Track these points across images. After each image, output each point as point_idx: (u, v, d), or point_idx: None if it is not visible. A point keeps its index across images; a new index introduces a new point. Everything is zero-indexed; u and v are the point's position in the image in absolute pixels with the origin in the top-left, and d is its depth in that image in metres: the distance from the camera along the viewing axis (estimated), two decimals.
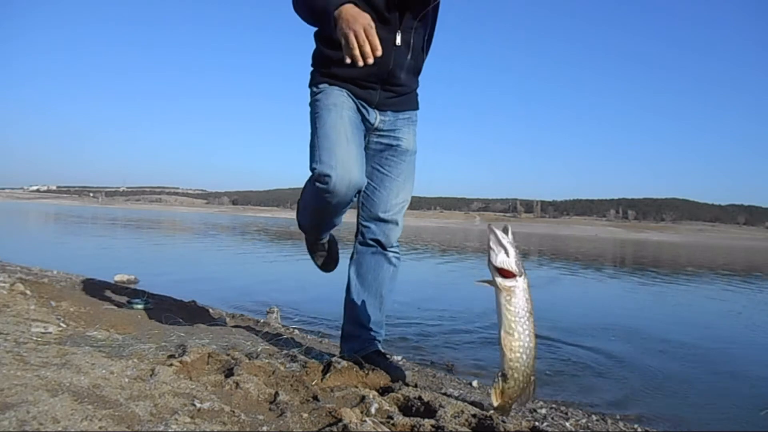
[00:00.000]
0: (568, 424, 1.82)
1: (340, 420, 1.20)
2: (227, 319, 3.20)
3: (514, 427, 1.31)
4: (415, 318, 4.09)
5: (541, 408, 1.96)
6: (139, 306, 2.74)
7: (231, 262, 8.91)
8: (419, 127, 1.93)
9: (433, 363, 2.83)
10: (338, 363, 1.64)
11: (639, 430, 1.94)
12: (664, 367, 3.12)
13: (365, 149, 1.80)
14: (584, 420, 1.92)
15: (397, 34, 1.70)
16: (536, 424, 1.50)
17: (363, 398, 1.40)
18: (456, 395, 1.97)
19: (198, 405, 1.19)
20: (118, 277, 4.89)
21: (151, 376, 1.36)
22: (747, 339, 4.42)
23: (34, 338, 1.66)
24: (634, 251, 24.90)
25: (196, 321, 2.66)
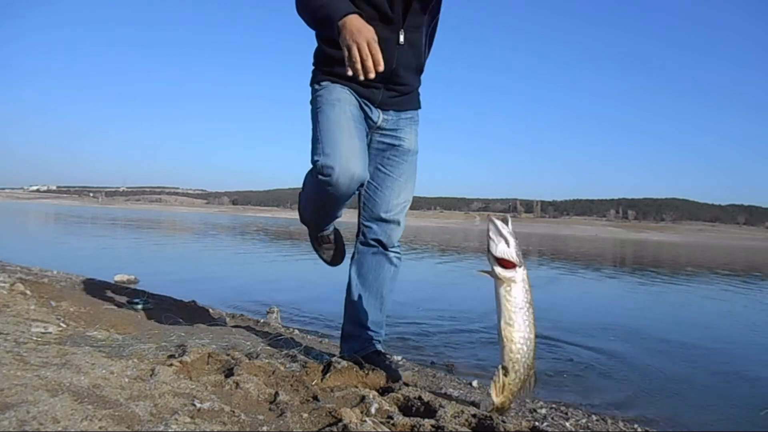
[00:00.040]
0: (568, 424, 1.82)
1: (340, 420, 1.20)
2: (227, 319, 3.20)
3: (514, 427, 1.31)
4: (415, 318, 4.08)
5: (541, 408, 1.95)
6: (139, 306, 2.75)
7: (231, 262, 8.90)
8: (420, 127, 1.93)
9: (433, 363, 2.83)
10: (338, 363, 1.64)
11: (639, 430, 1.94)
12: (664, 367, 3.12)
13: (368, 148, 1.80)
14: (584, 420, 1.92)
15: (400, 33, 1.69)
16: (536, 424, 1.50)
17: (363, 398, 1.40)
18: (456, 395, 1.97)
19: (198, 405, 1.19)
20: (118, 277, 4.89)
21: (151, 376, 1.36)
22: (747, 339, 4.42)
23: (34, 338, 1.66)
24: (634, 251, 24.89)
25: (196, 321, 2.66)
